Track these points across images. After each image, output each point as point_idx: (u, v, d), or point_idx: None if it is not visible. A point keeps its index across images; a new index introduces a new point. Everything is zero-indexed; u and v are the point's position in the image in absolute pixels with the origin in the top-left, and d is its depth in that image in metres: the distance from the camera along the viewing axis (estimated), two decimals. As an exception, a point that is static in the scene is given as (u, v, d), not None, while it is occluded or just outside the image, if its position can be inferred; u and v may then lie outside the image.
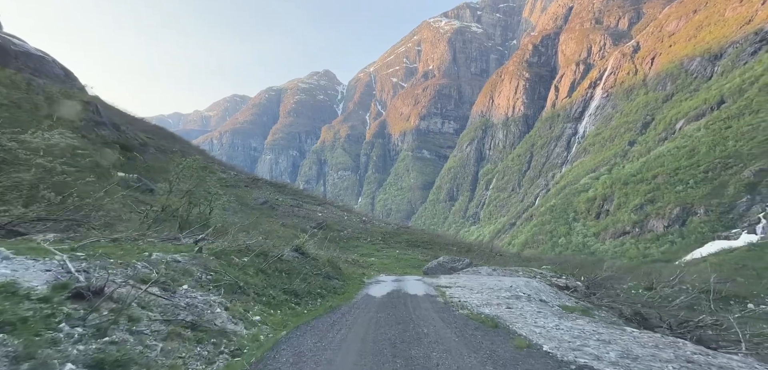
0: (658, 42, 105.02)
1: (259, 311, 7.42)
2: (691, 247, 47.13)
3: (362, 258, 25.66)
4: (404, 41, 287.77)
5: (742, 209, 45.40)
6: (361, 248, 28.77)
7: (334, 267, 15.09)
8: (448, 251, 31.09)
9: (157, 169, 22.48)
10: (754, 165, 46.95)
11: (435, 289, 12.90)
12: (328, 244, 27.61)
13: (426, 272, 22.02)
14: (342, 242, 29.74)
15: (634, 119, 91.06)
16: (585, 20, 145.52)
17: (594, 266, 18.41)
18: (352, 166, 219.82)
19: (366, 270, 22.61)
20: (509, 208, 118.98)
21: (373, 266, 24.06)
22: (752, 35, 73.17)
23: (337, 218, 36.22)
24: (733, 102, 59.02)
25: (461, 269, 22.69)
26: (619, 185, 65.68)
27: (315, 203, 40.52)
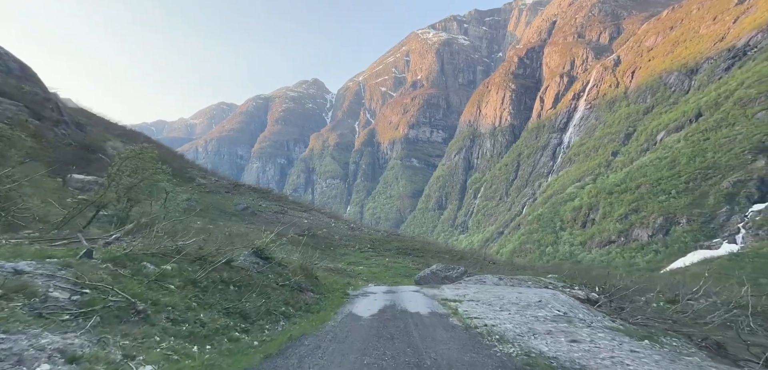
0: (637, 56, 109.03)
1: (164, 353, 4.61)
2: (674, 256, 48.13)
3: (350, 266, 24.61)
4: (393, 51, 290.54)
5: (722, 219, 46.75)
6: (349, 256, 27.72)
7: (309, 276, 12.17)
8: (440, 258, 30.13)
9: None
10: (731, 176, 48.58)
11: (441, 304, 10.31)
12: (313, 251, 26.57)
13: (418, 282, 20.86)
14: (329, 249, 28.63)
15: (616, 130, 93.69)
16: (568, 34, 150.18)
17: (604, 276, 17.54)
18: (340, 174, 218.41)
19: (353, 279, 21.40)
20: (497, 217, 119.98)
21: (361, 275, 23.03)
22: (725, 52, 76.72)
23: (323, 224, 35.14)
24: (710, 115, 61.33)
25: (456, 278, 21.46)
26: (604, 195, 66.96)
27: (301, 210, 39.24)
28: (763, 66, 60.19)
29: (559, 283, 15.59)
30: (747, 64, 67.56)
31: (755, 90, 55.81)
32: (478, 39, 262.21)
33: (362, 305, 10.41)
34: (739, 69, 68.39)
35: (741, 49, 73.78)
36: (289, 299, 9.27)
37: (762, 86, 55.17)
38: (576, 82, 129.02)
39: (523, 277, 17.89)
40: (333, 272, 21.77)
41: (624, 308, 10.96)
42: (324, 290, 12.38)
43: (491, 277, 17.94)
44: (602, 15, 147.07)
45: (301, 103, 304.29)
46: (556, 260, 62.71)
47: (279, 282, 9.89)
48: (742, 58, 72.29)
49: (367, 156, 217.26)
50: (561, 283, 15.66)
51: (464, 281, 17.77)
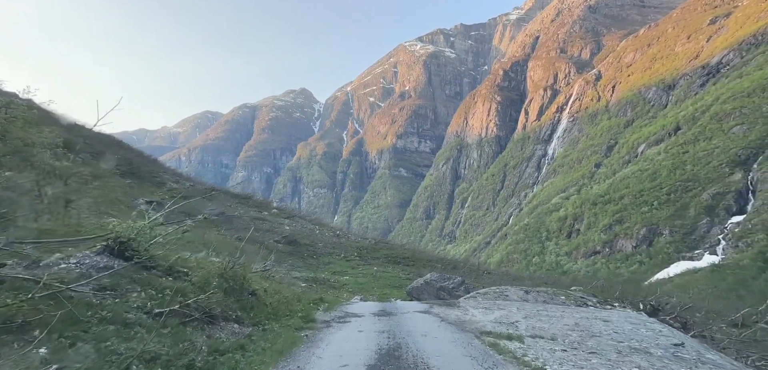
0: (617, 72, 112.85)
1: None
2: (658, 267, 48.74)
3: (334, 277, 22.89)
4: (381, 63, 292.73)
5: (703, 231, 47.75)
6: (334, 265, 25.89)
7: (235, 291, 7.28)
8: (432, 267, 28.34)
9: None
10: (711, 188, 49.89)
11: (487, 346, 6.44)
12: (294, 260, 24.93)
13: (411, 293, 19.06)
14: (312, 258, 26.81)
15: (599, 142, 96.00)
16: (551, 49, 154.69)
17: (632, 291, 15.63)
18: (328, 183, 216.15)
19: (336, 292, 19.62)
20: (484, 226, 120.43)
21: (347, 286, 21.33)
22: (700, 69, 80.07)
23: (307, 231, 33.43)
24: (688, 129, 63.36)
25: (453, 289, 19.43)
26: (589, 205, 67.86)
27: (283, 216, 37.28)
28: (736, 83, 62.85)
29: (586, 295, 13.14)
30: (721, 81, 70.54)
31: (730, 106, 58.04)
32: (464, 52, 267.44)
33: (332, 351, 5.93)
34: (714, 85, 71.32)
35: (714, 67, 77.15)
36: (171, 345, 4.63)
37: (736, 102, 57.43)
38: (559, 96, 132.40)
39: (551, 291, 14.27)
40: (313, 283, 20.12)
41: (707, 335, 9.15)
42: (265, 315, 7.51)
43: (513, 290, 14.01)
44: (583, 31, 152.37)
45: (289, 113, 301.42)
46: (542, 270, 62.74)
47: (154, 308, 5.13)
48: (715, 75, 75.53)
49: (355, 165, 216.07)
50: (594, 297, 13.23)
51: (478, 297, 13.94)
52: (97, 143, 28.45)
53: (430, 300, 18.48)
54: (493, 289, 14.17)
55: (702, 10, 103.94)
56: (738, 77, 64.90)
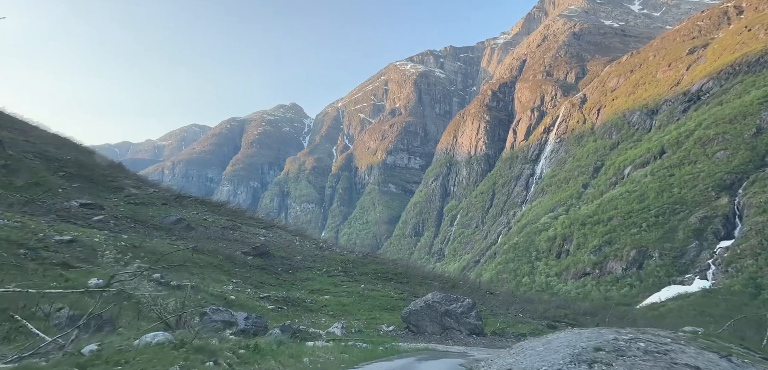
0: (602, 95, 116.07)
1: None
2: (649, 290, 48.22)
3: (312, 296, 19.56)
4: (372, 80, 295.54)
5: (693, 254, 47.71)
6: (313, 282, 22.56)
7: None
8: (429, 285, 25.07)
9: (19, 170, 17.25)
10: (698, 212, 50.24)
11: None
12: (264, 276, 21.47)
13: (408, 320, 15.53)
14: (287, 273, 23.12)
15: (585, 163, 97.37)
16: (537, 72, 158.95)
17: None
18: (316, 198, 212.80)
19: (314, 316, 16.47)
20: (473, 245, 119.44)
21: (326, 309, 17.88)
22: (681, 95, 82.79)
23: (285, 243, 30.59)
24: (673, 152, 64.54)
25: (462, 314, 15.67)
26: (578, 226, 67.70)
27: (259, 226, 33.81)
28: (718, 110, 64.79)
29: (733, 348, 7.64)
30: (702, 108, 72.79)
31: (713, 131, 59.48)
32: (454, 73, 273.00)
33: None
34: (695, 111, 73.52)
35: (695, 94, 79.88)
36: None
37: (719, 128, 58.91)
38: (546, 117, 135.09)
39: (652, 338, 7.34)
40: (283, 304, 17.15)
41: None
42: None
43: (609, 332, 7.16)
44: (568, 56, 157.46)
45: (278, 127, 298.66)
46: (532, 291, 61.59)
47: None
48: (696, 101, 78.09)
49: (344, 181, 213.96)
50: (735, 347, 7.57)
51: (526, 345, 7.85)
52: (49, 145, 26.25)
53: (436, 335, 14.82)
54: (561, 338, 7.06)
55: (681, 41, 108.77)
56: (719, 104, 67.06)
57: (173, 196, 35.34)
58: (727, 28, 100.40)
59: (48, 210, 17.59)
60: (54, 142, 31.64)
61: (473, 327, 15.82)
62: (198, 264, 19.93)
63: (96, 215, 20.02)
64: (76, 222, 17.55)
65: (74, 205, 20.51)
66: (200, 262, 20.30)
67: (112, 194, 28.87)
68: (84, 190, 26.32)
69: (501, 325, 17.83)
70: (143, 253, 18.00)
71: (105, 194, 28.21)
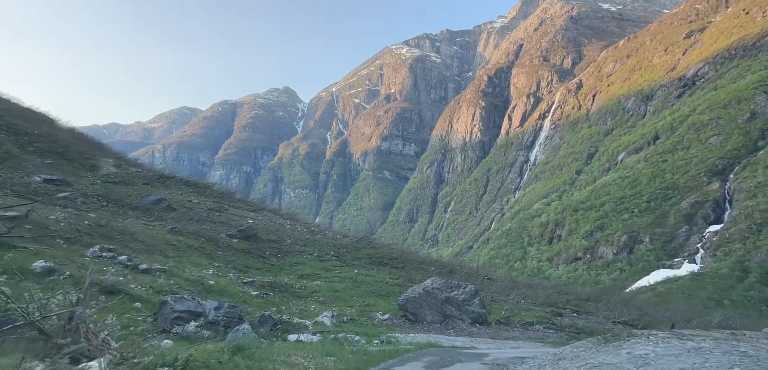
0: (598, 81, 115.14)
1: None
2: (639, 274, 48.49)
3: (301, 281, 18.47)
4: (367, 64, 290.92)
5: (682, 239, 47.87)
6: (303, 267, 21.36)
7: None
8: (425, 271, 23.88)
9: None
10: (689, 197, 50.21)
11: None
12: (251, 260, 20.31)
13: (405, 308, 14.67)
14: (275, 257, 21.88)
15: (579, 150, 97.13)
16: (534, 57, 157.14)
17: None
18: (310, 184, 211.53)
19: (303, 302, 15.47)
20: (467, 231, 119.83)
21: (316, 295, 16.95)
22: (677, 81, 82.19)
23: (275, 226, 29.31)
24: (667, 138, 64.26)
25: (465, 302, 14.54)
26: (570, 212, 67.70)
27: (248, 209, 31.97)
28: (712, 95, 64.35)
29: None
30: (697, 93, 72.32)
31: (707, 116, 59.14)
32: (450, 58, 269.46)
33: None
34: (690, 96, 73.07)
35: (690, 79, 79.29)
36: None
37: (713, 113, 58.55)
38: (541, 103, 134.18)
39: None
40: (269, 290, 16.01)
41: None
42: None
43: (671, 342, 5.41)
44: (565, 41, 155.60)
45: (272, 111, 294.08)
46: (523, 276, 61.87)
47: None
48: (691, 87, 77.57)
49: (339, 167, 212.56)
50: None
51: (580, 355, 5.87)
52: (19, 119, 24.80)
53: (436, 324, 13.95)
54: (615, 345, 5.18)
55: (678, 25, 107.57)
56: (713, 89, 66.58)
57: (156, 176, 34.00)
58: (724, 11, 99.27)
59: (2, 184, 16.38)
60: (25, 116, 29.98)
61: (477, 316, 14.73)
62: (175, 247, 18.95)
63: (61, 192, 18.84)
64: (36, 198, 16.42)
65: (36, 180, 19.29)
66: (178, 244, 19.31)
67: (88, 172, 27.59)
68: (56, 167, 25.04)
69: (506, 313, 16.80)
70: (112, 233, 17.04)
71: (81, 172, 26.92)
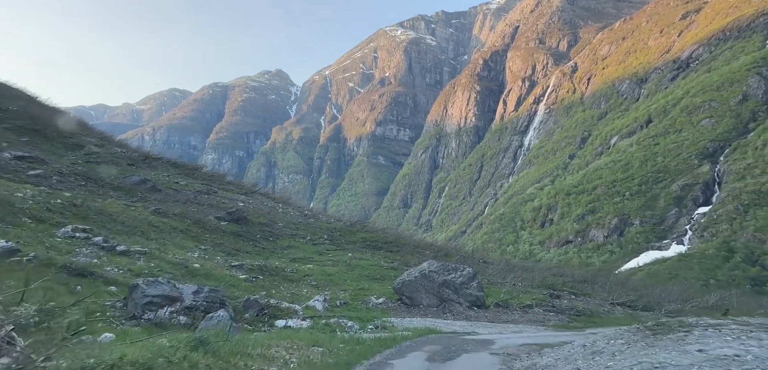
0: (593, 64, 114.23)
1: None
2: (628, 256, 49.06)
3: (293, 265, 18.07)
4: (361, 47, 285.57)
5: (671, 221, 48.30)
6: (296, 250, 20.95)
7: None
8: (421, 255, 23.50)
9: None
10: (680, 180, 50.44)
11: None
12: (241, 243, 19.68)
13: (400, 291, 14.27)
14: (266, 241, 21.49)
15: (573, 134, 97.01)
16: (530, 40, 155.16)
17: None
18: (304, 169, 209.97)
19: (294, 286, 15.13)
20: (460, 216, 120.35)
21: (308, 278, 16.50)
22: (671, 63, 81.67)
23: (266, 209, 28.29)
24: (659, 121, 64.16)
25: (462, 285, 14.10)
26: (563, 196, 67.96)
27: (239, 192, 31.57)
28: (706, 77, 64.07)
29: None
30: (690, 75, 71.99)
31: (699, 99, 58.96)
32: (445, 40, 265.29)
33: None
34: (684, 79, 72.76)
35: (684, 61, 78.84)
36: None
37: (705, 96, 58.36)
38: (536, 87, 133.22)
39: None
40: (259, 273, 15.73)
41: None
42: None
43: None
44: (561, 23, 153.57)
45: (263, 94, 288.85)
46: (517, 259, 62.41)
47: None
48: (685, 69, 77.19)
49: (333, 152, 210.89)
50: None
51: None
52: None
53: (433, 308, 13.47)
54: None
55: (674, 5, 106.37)
56: (707, 71, 66.27)
57: (141, 156, 32.95)
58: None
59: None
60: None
61: (475, 299, 14.50)
62: (159, 228, 18.29)
63: (33, 170, 18.03)
64: (3, 175, 15.63)
65: (6, 156, 18.43)
66: (162, 226, 18.65)
67: (69, 152, 26.59)
68: (34, 145, 24.00)
69: (504, 296, 16.54)
70: (88, 213, 16.31)
71: (60, 151, 25.90)
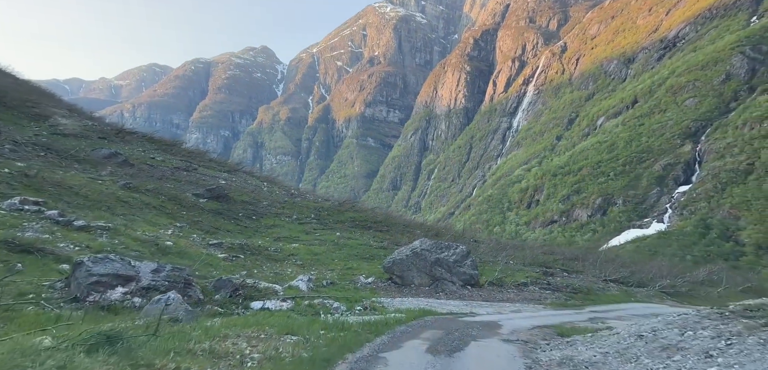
0: (582, 44, 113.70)
1: None
2: (610, 235, 50.00)
3: (277, 244, 17.31)
4: (349, 23, 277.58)
5: (653, 200, 49.18)
6: (281, 229, 20.16)
7: None
8: (411, 234, 23.03)
9: None
10: (662, 159, 51.11)
11: None
12: (221, 221, 18.68)
13: (390, 270, 13.69)
14: (249, 219, 20.64)
15: (561, 115, 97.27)
16: (520, 18, 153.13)
17: None
18: (292, 151, 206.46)
19: (278, 265, 14.34)
20: (449, 198, 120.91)
21: (294, 258, 15.76)
22: (658, 42, 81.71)
23: (250, 188, 27.33)
24: (645, 102, 64.52)
25: (456, 263, 13.56)
26: (549, 177, 68.49)
27: (221, 170, 30.49)
28: (691, 56, 64.33)
29: None
30: (677, 55, 72.24)
31: (684, 79, 59.27)
32: (435, 18, 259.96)
33: None
34: (670, 59, 73.00)
35: (671, 41, 78.97)
36: None
37: (690, 75, 58.68)
38: (526, 67, 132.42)
39: None
40: (240, 252, 14.90)
41: None
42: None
43: None
44: (551, 1, 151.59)
45: (249, 72, 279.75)
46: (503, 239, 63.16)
47: None
48: (672, 49, 77.39)
49: (321, 133, 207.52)
50: None
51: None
52: None
53: (425, 287, 12.95)
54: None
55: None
56: (693, 50, 66.52)
57: (115, 130, 31.04)
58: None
59: None
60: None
61: (468, 277, 14.10)
62: (128, 203, 17.09)
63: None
64: None
65: None
66: (132, 201, 17.44)
67: (31, 122, 24.74)
68: None
69: (498, 274, 16.20)
70: (43, 185, 15.01)
71: (22, 121, 24.04)
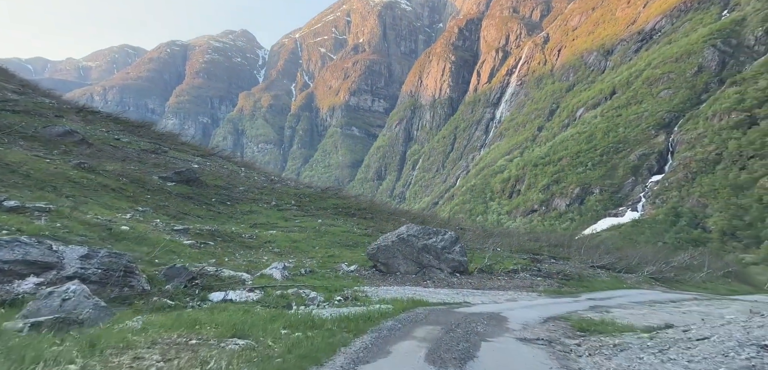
0: (563, 35, 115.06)
1: None
2: (587, 223, 51.29)
3: (252, 231, 16.12)
4: (333, 9, 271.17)
5: (628, 189, 50.61)
6: (258, 215, 18.89)
7: None
8: (396, 221, 22.25)
9: None
10: (638, 150, 52.52)
11: None
12: (191, 206, 17.27)
13: (374, 258, 12.93)
14: (223, 205, 19.27)
15: (542, 106, 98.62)
16: (504, 8, 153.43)
17: None
18: (275, 139, 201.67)
19: (252, 253, 13.12)
20: (433, 188, 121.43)
21: (271, 245, 14.68)
22: (636, 35, 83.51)
23: (226, 172, 25.76)
24: (623, 93, 65.97)
25: (444, 250, 12.92)
26: (530, 167, 69.48)
27: (194, 153, 28.68)
28: (666, 49, 66.01)
29: None
30: (653, 47, 74.03)
31: (660, 71, 60.81)
32: (420, 6, 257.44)
33: None
34: (647, 51, 74.77)
35: (648, 33, 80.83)
36: None
37: (665, 67, 60.23)
38: (510, 58, 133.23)
39: None
40: (210, 239, 13.62)
41: None
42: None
43: None
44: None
45: (228, 56, 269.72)
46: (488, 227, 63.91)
47: None
48: (648, 41, 79.25)
49: (305, 121, 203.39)
50: None
51: None
52: None
53: (412, 275, 12.25)
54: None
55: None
56: (668, 43, 68.29)
57: (75, 109, 28.45)
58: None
59: None
60: None
61: (457, 264, 13.51)
62: (80, 184, 15.45)
63: None
64: None
65: None
66: (85, 182, 15.78)
67: None
68: None
69: (488, 261, 15.72)
70: None
71: None
